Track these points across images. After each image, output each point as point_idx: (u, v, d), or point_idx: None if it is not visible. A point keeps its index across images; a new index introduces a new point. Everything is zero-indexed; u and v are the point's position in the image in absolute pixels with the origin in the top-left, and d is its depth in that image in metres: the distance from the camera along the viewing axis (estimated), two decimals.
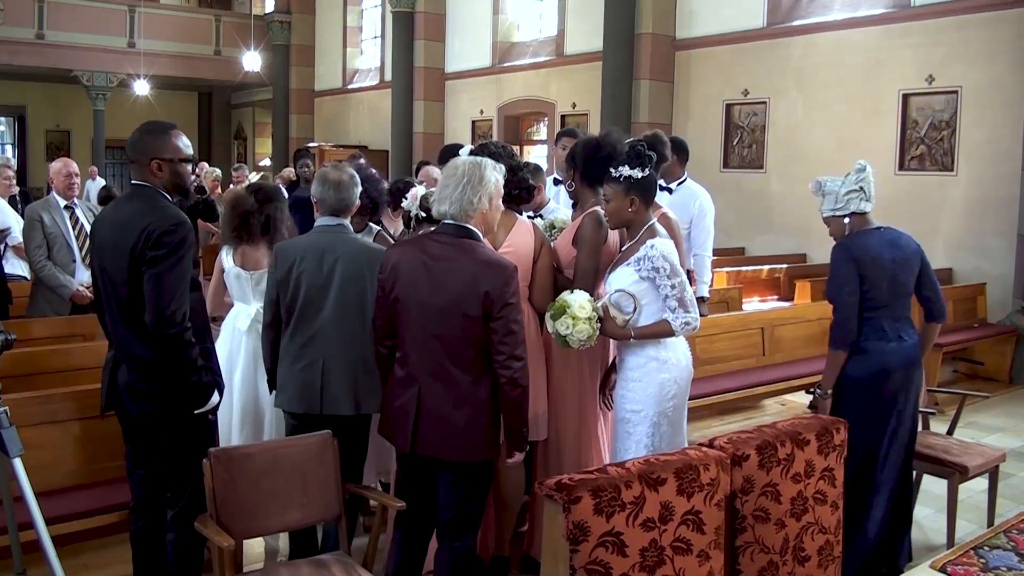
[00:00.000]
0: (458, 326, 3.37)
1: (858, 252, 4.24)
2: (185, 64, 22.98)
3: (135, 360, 3.44)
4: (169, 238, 3.31)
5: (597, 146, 4.27)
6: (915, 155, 11.05)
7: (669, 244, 3.93)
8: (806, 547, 3.41)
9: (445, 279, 3.38)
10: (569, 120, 15.54)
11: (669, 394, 3.93)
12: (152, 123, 3.64)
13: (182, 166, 3.56)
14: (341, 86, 22.63)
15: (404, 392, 3.47)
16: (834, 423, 3.61)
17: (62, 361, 5.09)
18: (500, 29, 17.70)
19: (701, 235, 6.28)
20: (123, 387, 3.48)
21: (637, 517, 2.83)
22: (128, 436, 3.62)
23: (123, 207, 3.50)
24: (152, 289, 3.30)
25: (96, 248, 3.55)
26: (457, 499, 3.55)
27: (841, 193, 4.33)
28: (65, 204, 6.34)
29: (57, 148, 24.69)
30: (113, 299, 3.45)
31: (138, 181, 3.50)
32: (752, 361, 7.29)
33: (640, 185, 3.93)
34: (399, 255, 3.50)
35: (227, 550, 3.19)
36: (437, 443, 3.44)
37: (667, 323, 3.86)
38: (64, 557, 3.21)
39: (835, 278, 4.29)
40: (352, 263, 3.97)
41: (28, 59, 20.98)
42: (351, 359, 3.96)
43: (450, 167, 3.54)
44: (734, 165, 13.21)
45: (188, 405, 3.48)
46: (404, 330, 3.46)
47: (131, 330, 3.42)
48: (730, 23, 13.12)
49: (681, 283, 3.85)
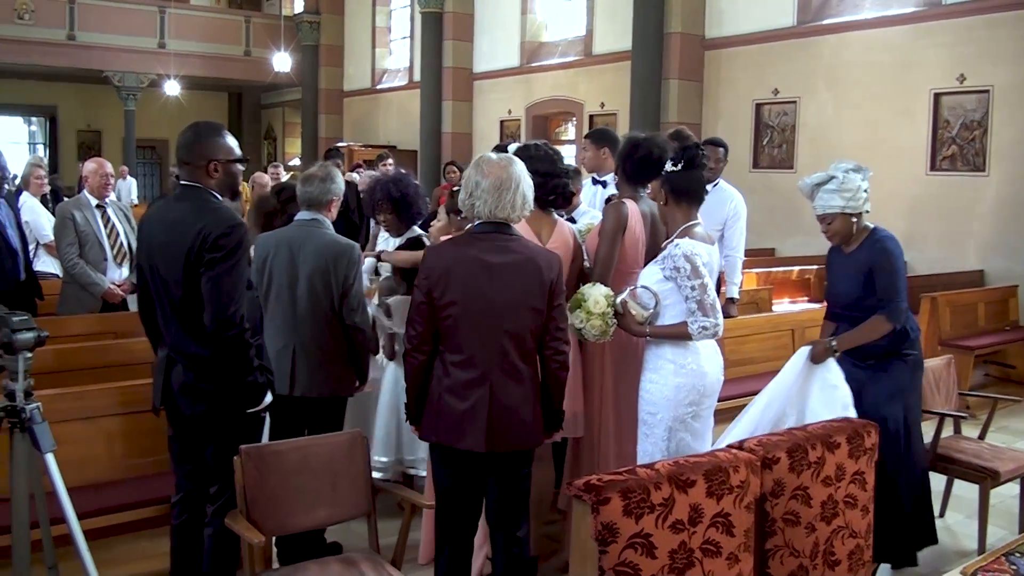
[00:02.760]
0: (526, 319, 3.45)
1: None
2: (215, 64, 23.11)
3: (191, 359, 3.47)
4: (226, 240, 3.34)
5: (636, 145, 4.29)
6: (946, 155, 10.93)
7: (699, 246, 3.90)
8: (836, 551, 3.39)
9: (508, 276, 3.42)
10: (598, 120, 15.50)
11: (685, 400, 3.90)
12: (203, 124, 3.65)
13: (235, 167, 3.59)
14: (370, 86, 22.69)
15: (471, 394, 3.44)
16: (865, 426, 3.58)
17: (94, 358, 5.14)
18: (528, 29, 17.67)
19: (735, 237, 6.28)
20: (178, 386, 3.51)
21: (666, 519, 2.82)
22: (177, 433, 3.65)
23: (174, 207, 3.51)
24: (211, 292, 3.34)
25: (145, 247, 3.57)
26: (518, 488, 3.63)
27: (859, 191, 4.27)
28: (97, 203, 6.38)
29: (88, 148, 24.84)
30: (166, 299, 3.47)
31: (189, 182, 3.51)
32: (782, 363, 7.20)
33: (670, 181, 3.98)
34: (448, 260, 3.47)
35: (257, 546, 3.22)
36: (511, 437, 3.48)
37: (685, 326, 3.84)
38: (95, 551, 3.24)
39: (894, 270, 4.25)
40: (317, 256, 4.25)
41: (59, 60, 21.17)
42: (321, 346, 4.28)
43: (483, 166, 3.53)
44: (764, 165, 13.13)
45: (242, 404, 3.52)
46: (467, 332, 3.44)
47: (186, 329, 3.45)
48: (760, 22, 13.04)
49: (702, 285, 3.82)
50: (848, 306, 4.41)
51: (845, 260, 4.42)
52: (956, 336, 8.31)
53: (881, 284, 4.24)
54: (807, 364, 4.20)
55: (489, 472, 3.59)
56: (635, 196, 4.33)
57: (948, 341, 8.15)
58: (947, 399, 5.17)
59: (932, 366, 5.10)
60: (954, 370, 5.35)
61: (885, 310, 4.23)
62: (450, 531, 3.64)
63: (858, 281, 4.32)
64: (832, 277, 4.56)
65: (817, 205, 4.37)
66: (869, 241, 4.35)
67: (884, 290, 4.24)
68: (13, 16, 20.13)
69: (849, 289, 4.39)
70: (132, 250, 6.49)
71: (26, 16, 20.26)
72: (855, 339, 4.28)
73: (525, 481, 3.66)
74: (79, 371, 4.95)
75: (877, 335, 4.26)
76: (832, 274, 4.56)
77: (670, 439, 3.95)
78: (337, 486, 3.57)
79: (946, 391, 5.19)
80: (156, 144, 26.06)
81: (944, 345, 8.06)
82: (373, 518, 3.65)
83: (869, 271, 4.28)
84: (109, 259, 6.37)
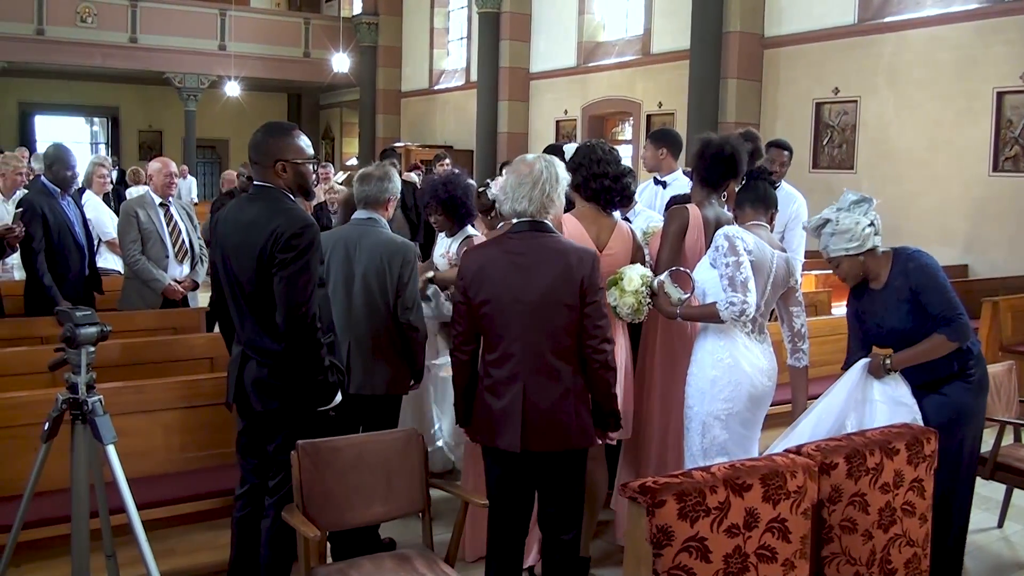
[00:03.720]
0: (559, 317, 3.43)
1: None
2: (275, 66, 23.37)
3: (265, 355, 3.52)
4: (298, 240, 3.39)
5: (707, 143, 4.31)
6: (1009, 156, 10.71)
7: (746, 235, 3.89)
8: (893, 560, 3.33)
9: (539, 273, 3.43)
10: (655, 120, 15.42)
11: (720, 394, 3.87)
12: (275, 124, 3.71)
13: (305, 167, 3.62)
14: (427, 87, 22.79)
15: (506, 392, 3.47)
16: (924, 432, 3.51)
17: (155, 353, 5.23)
18: (586, 29, 17.64)
19: (795, 239, 6.22)
20: (251, 382, 3.57)
21: (722, 523, 2.80)
22: (246, 428, 3.71)
23: (247, 208, 3.57)
24: (283, 291, 3.39)
25: (219, 246, 3.63)
26: (564, 491, 3.61)
27: (859, 230, 3.91)
28: (160, 202, 6.49)
29: (149, 148, 25.29)
30: (240, 297, 3.54)
31: (261, 182, 3.57)
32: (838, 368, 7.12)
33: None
34: (482, 259, 3.54)
35: (312, 541, 3.25)
36: (548, 437, 3.47)
37: (714, 305, 3.81)
38: (151, 542, 3.28)
39: (941, 285, 3.89)
40: (374, 254, 4.28)
41: (121, 62, 21.57)
42: (375, 343, 4.29)
43: (520, 166, 3.58)
44: (823, 166, 12.95)
45: (313, 402, 3.57)
46: (500, 331, 3.48)
47: (260, 326, 3.51)
48: (820, 20, 12.87)
49: (736, 263, 3.77)
50: (905, 341, 3.95)
51: (881, 297, 4.02)
52: (1018, 342, 8.11)
53: (932, 302, 3.85)
54: (867, 377, 3.98)
55: (533, 473, 3.59)
56: (703, 202, 4.30)
57: (1010, 347, 7.96)
58: (1008, 406, 5.05)
59: (993, 372, 4.97)
60: (1015, 376, 5.22)
61: (947, 328, 3.83)
62: (499, 531, 3.66)
63: (905, 311, 3.93)
64: (873, 319, 4.05)
65: (822, 248, 4.08)
66: (899, 265, 3.97)
67: (938, 307, 3.84)
68: (76, 20, 20.55)
69: (899, 324, 3.95)
70: (193, 248, 6.61)
71: (89, 20, 20.67)
72: (912, 357, 3.90)
73: (574, 484, 3.64)
74: (139, 365, 5.04)
75: (937, 355, 3.88)
76: (872, 316, 4.06)
77: (704, 435, 3.92)
78: (392, 483, 3.59)
79: (1007, 398, 5.07)
80: (216, 144, 26.45)
81: (1005, 351, 7.88)
82: (427, 515, 3.67)
83: (912, 295, 3.91)
84: (170, 256, 6.46)
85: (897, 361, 3.93)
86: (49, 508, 3.70)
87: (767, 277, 3.94)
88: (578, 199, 4.15)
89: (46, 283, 5.98)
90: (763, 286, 3.92)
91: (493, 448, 3.56)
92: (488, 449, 3.62)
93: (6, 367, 4.75)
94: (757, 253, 3.88)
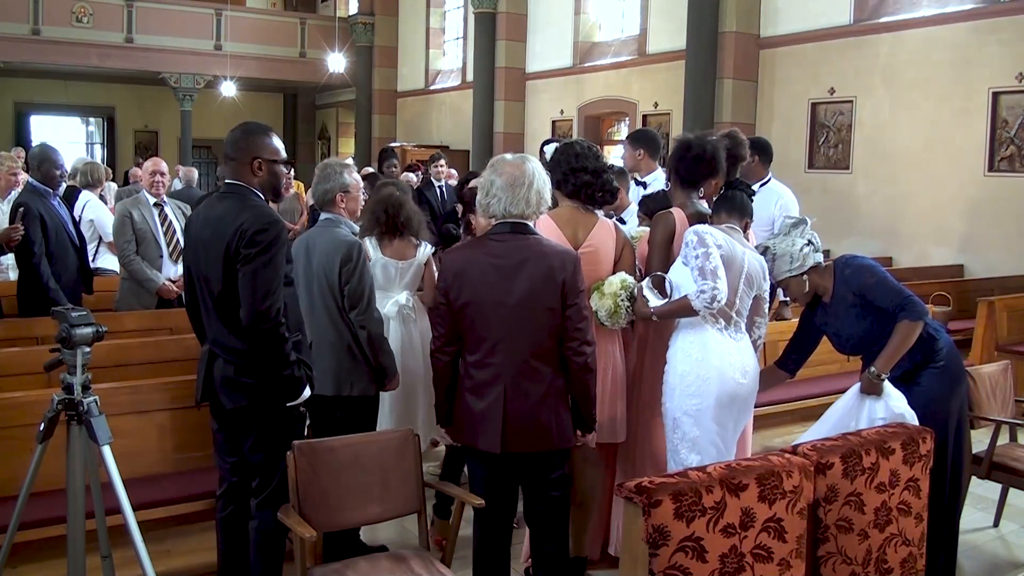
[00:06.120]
0: (540, 319, 3.43)
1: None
2: (270, 66, 23.35)
3: (231, 352, 3.52)
4: (262, 236, 3.38)
5: (688, 146, 4.27)
6: (1004, 156, 10.71)
7: (715, 231, 3.93)
8: (889, 559, 3.34)
9: (520, 276, 3.42)
10: (651, 120, 15.43)
11: (688, 390, 3.87)
12: (252, 123, 3.72)
13: (279, 167, 3.63)
14: (423, 87, 22.79)
15: (487, 394, 3.48)
16: (920, 432, 3.52)
17: (150, 353, 5.23)
18: (582, 29, 17.64)
19: None
20: (220, 380, 3.56)
21: (718, 523, 2.80)
22: (221, 426, 3.70)
23: (216, 205, 3.56)
24: (247, 286, 3.38)
25: (190, 244, 3.64)
26: (546, 493, 3.62)
27: (796, 251, 4.09)
28: (155, 201, 6.49)
29: (145, 148, 25.25)
30: (207, 294, 3.53)
31: (233, 180, 3.57)
32: (835, 367, 7.10)
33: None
34: (462, 261, 3.53)
35: (308, 541, 3.25)
36: (528, 438, 3.48)
37: (686, 298, 3.81)
38: (148, 542, 3.28)
39: (881, 279, 4.01)
40: (323, 254, 4.29)
41: (117, 62, 21.57)
42: (332, 343, 4.27)
43: (507, 167, 3.56)
44: (819, 166, 12.94)
45: (281, 398, 3.55)
46: (482, 333, 3.48)
47: (225, 324, 3.50)
48: (816, 20, 12.88)
49: (705, 254, 3.78)
50: (867, 344, 4.09)
51: (832, 308, 4.16)
52: (1014, 341, 8.12)
53: (879, 296, 3.99)
54: (863, 400, 3.99)
55: (516, 474, 3.60)
56: (685, 203, 4.29)
57: (1006, 346, 7.97)
58: (1003, 406, 5.05)
59: (989, 372, 5.02)
60: (1011, 376, 5.22)
61: (904, 312, 3.93)
62: (486, 531, 3.67)
63: (859, 315, 4.07)
64: (833, 330, 4.21)
65: (769, 275, 4.16)
66: (840, 275, 4.11)
67: (887, 298, 3.97)
68: (72, 19, 20.54)
69: (859, 329, 4.09)
70: None
71: (85, 20, 20.66)
72: (891, 355, 3.95)
73: (555, 486, 3.64)
74: (134, 366, 5.04)
75: (912, 342, 3.97)
76: (832, 327, 4.20)
77: (675, 430, 3.92)
78: (388, 483, 3.60)
79: (1003, 397, 5.07)
80: (212, 144, 26.38)
81: (1001, 350, 7.88)
82: (423, 515, 3.67)
83: (859, 299, 4.04)
84: (165, 256, 6.45)
85: (881, 366, 3.96)
86: (45, 509, 3.70)
87: (739, 273, 3.93)
88: (561, 197, 4.13)
89: (51, 287, 5.92)
90: (735, 281, 3.90)
91: (475, 448, 3.57)
92: (471, 449, 3.62)
93: (1, 367, 4.75)
94: (727, 248, 3.89)
